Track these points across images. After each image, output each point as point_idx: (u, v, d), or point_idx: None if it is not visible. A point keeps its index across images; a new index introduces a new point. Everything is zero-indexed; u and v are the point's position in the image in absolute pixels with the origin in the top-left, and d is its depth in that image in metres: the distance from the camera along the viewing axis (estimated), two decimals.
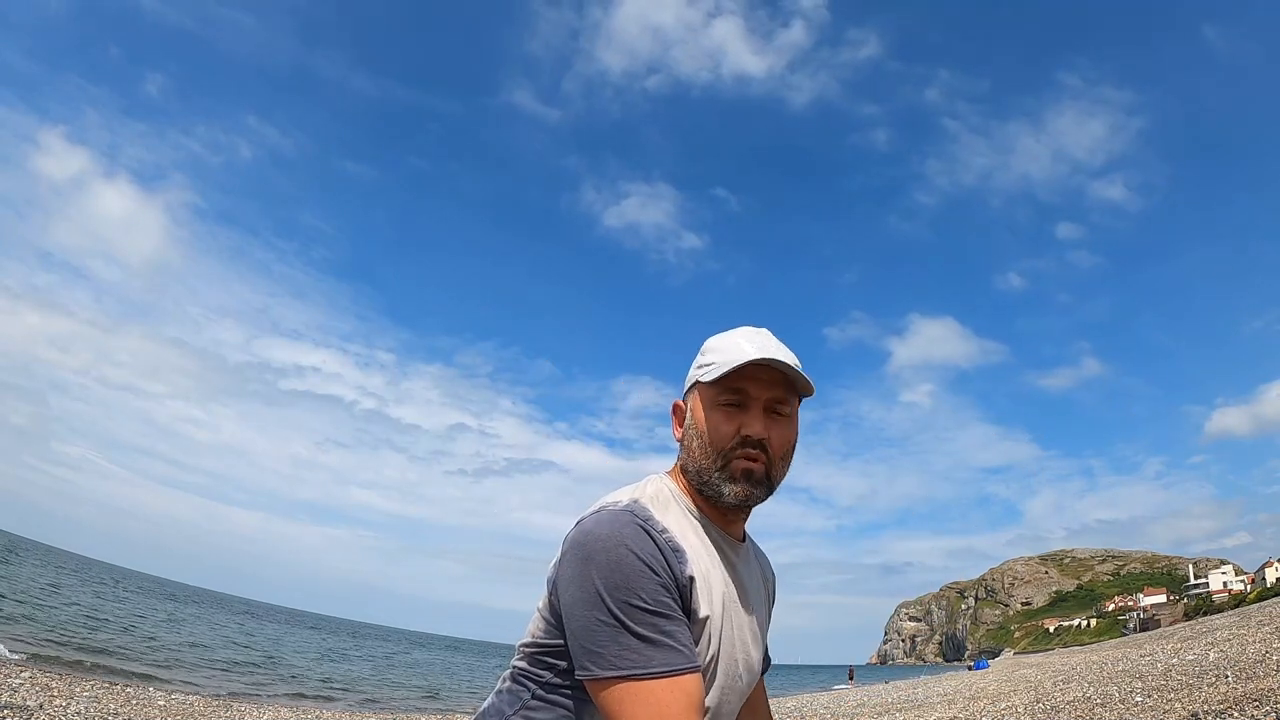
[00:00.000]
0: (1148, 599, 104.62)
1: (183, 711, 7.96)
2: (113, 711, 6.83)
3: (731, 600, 1.03)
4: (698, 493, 1.05)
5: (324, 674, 19.49)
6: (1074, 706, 6.77)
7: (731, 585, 1.04)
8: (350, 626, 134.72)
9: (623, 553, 0.89)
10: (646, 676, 0.85)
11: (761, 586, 1.18)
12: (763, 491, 1.03)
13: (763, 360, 1.00)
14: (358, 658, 32.18)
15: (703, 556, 0.99)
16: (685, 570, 0.93)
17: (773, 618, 1.29)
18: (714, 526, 1.06)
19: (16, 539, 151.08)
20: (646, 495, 1.02)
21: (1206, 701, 5.25)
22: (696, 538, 1.02)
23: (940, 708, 9.83)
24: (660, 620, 0.88)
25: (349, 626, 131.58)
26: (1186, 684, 6.60)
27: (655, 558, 0.90)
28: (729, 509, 1.04)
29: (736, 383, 1.01)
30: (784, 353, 1.04)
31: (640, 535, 0.91)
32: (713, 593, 0.98)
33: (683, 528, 1.00)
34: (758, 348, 1.02)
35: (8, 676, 7.79)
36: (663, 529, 0.95)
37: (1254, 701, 4.83)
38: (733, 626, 1.02)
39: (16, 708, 5.98)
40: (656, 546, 0.91)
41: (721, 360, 1.03)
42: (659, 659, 0.86)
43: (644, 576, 0.88)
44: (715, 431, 1.02)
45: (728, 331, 1.10)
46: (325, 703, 13.03)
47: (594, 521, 0.95)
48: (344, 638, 57.18)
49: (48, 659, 10.83)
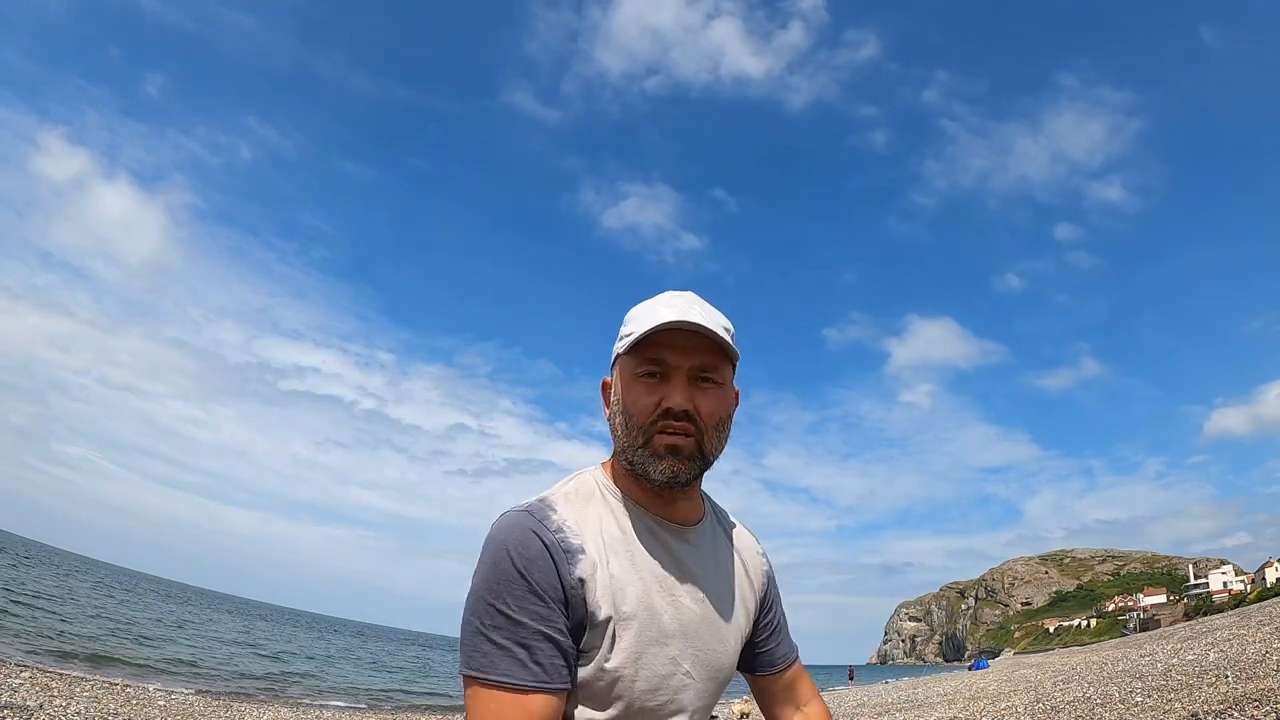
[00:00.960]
0: (1148, 599, 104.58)
1: (183, 711, 7.96)
2: (113, 711, 6.83)
3: (660, 592, 0.95)
4: (630, 475, 0.97)
5: (324, 674, 19.49)
6: (1074, 706, 6.77)
7: (665, 576, 0.96)
8: (351, 626, 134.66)
9: (500, 556, 0.87)
10: (489, 683, 0.84)
11: (734, 571, 1.08)
12: (694, 466, 0.94)
13: (678, 324, 0.91)
14: (358, 657, 32.17)
15: (616, 550, 0.93)
16: (574, 572, 0.88)
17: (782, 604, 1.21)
18: (648, 514, 0.98)
19: (17, 539, 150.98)
20: (563, 490, 0.98)
21: (1206, 701, 5.25)
22: (616, 528, 0.95)
23: (940, 708, 9.83)
24: (520, 630, 0.85)
25: (349, 626, 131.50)
26: (1186, 684, 6.59)
27: (535, 563, 0.87)
28: (660, 488, 0.95)
29: (655, 352, 0.93)
30: (707, 315, 0.94)
31: (525, 538, 0.88)
32: (616, 589, 0.91)
33: (600, 521, 0.95)
34: (676, 311, 0.93)
35: (8, 676, 7.79)
36: (558, 528, 0.90)
37: (1254, 701, 4.83)
38: (660, 621, 0.94)
39: (16, 708, 5.98)
40: (544, 548, 0.88)
41: (639, 328, 0.94)
42: (502, 669, 0.84)
43: (513, 583, 0.86)
44: (636, 405, 0.93)
45: (650, 299, 1.01)
46: (325, 703, 13.02)
47: (496, 522, 0.92)
48: (344, 637, 57.16)
49: (48, 659, 10.83)
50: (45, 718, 5.88)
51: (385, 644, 60.80)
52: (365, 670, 24.73)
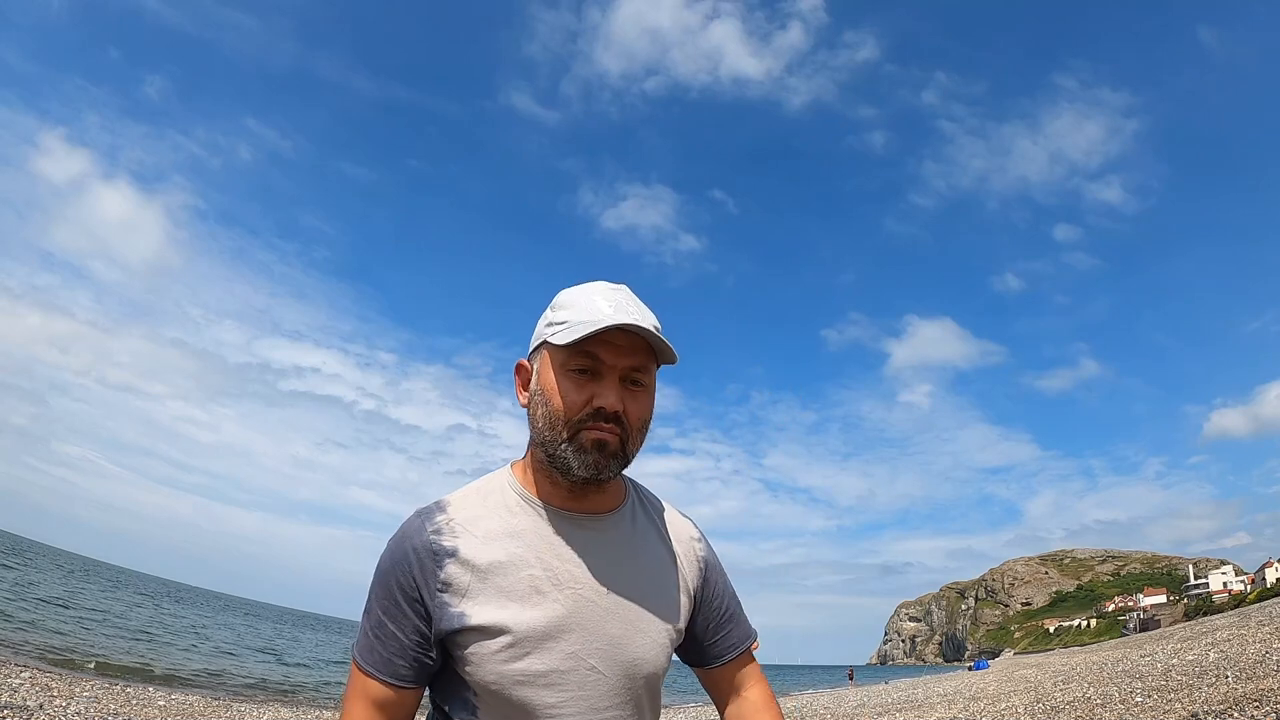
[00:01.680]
0: (1148, 599, 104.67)
1: (183, 711, 7.96)
2: (113, 711, 6.83)
3: (564, 585, 0.93)
4: (545, 468, 0.96)
5: (324, 674, 19.49)
6: (1074, 707, 6.77)
7: (571, 569, 0.94)
8: (350, 626, 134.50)
9: (384, 556, 0.96)
10: (354, 659, 0.96)
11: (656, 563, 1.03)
12: (617, 464, 0.93)
13: (628, 328, 0.89)
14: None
15: (509, 545, 0.93)
16: (440, 574, 0.91)
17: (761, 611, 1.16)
18: (554, 505, 0.97)
19: (17, 539, 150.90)
20: (465, 490, 1.01)
21: (1207, 702, 5.25)
22: (509, 523, 0.95)
23: (940, 708, 9.83)
24: (374, 621, 0.95)
25: (349, 626, 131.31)
26: (1186, 684, 6.59)
27: (399, 565, 0.93)
28: (581, 484, 0.93)
29: (590, 347, 0.90)
30: (645, 316, 0.93)
31: (399, 540, 0.95)
32: (510, 587, 0.91)
33: (489, 518, 0.95)
34: (615, 308, 0.91)
35: (8, 677, 7.79)
36: (436, 530, 0.94)
37: (1254, 702, 4.83)
38: (559, 615, 0.92)
39: (16, 708, 5.98)
40: (409, 551, 0.93)
41: (575, 320, 0.91)
42: (361, 649, 0.96)
43: (381, 580, 0.95)
44: (564, 400, 0.91)
45: (581, 286, 0.98)
46: (325, 703, 13.02)
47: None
48: (344, 637, 57.13)
49: (49, 659, 10.83)
50: (45, 718, 5.88)
51: None
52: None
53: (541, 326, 0.98)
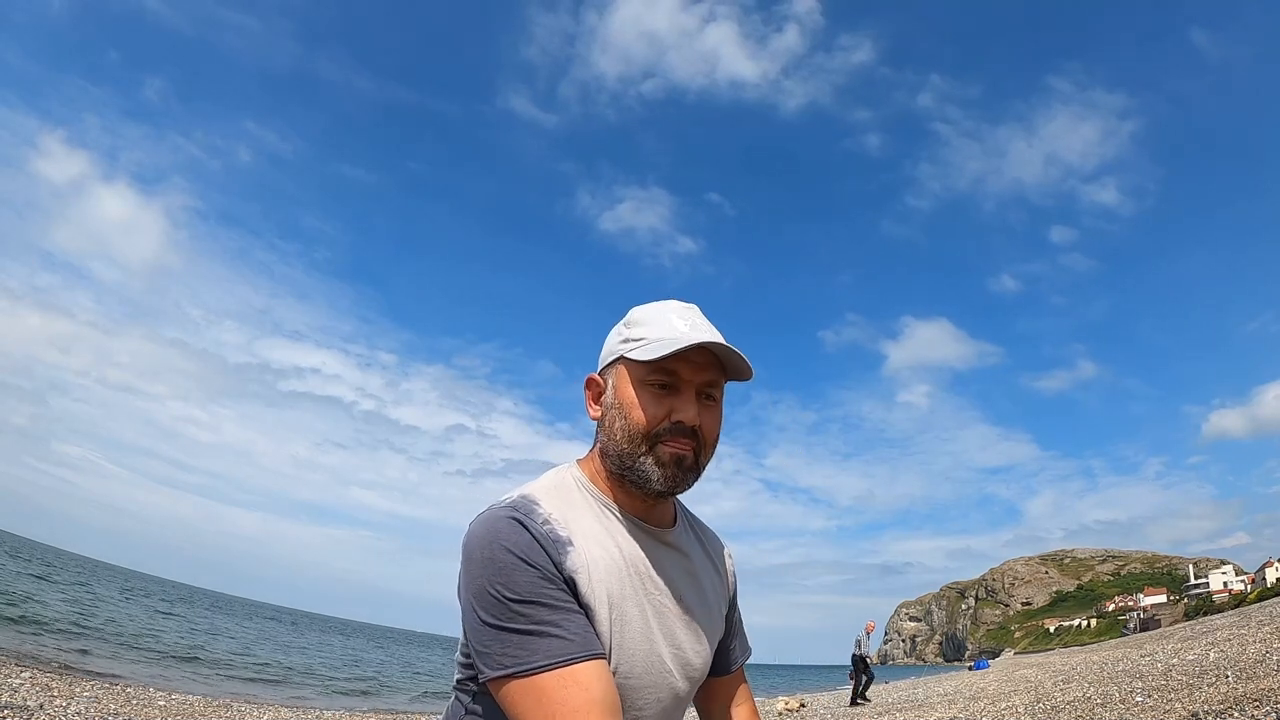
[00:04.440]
0: (1148, 599, 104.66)
1: (183, 711, 7.96)
2: (113, 711, 6.82)
3: (645, 591, 0.95)
4: (617, 477, 0.97)
5: (324, 674, 19.48)
6: (1074, 706, 6.76)
7: (649, 574, 0.96)
8: (350, 626, 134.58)
9: (496, 549, 0.85)
10: (530, 672, 0.81)
11: (708, 575, 1.08)
12: (692, 478, 0.96)
13: (710, 345, 0.92)
14: (358, 657, 32.15)
15: (604, 544, 0.93)
16: (565, 564, 0.87)
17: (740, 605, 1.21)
18: (628, 513, 0.98)
19: (18, 540, 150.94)
20: (541, 486, 0.96)
21: (1207, 701, 5.24)
22: (599, 525, 0.95)
23: (940, 708, 9.82)
24: (540, 610, 0.83)
25: (349, 626, 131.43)
26: (1187, 684, 6.59)
27: (532, 548, 0.86)
28: (654, 495, 0.95)
29: (669, 363, 0.93)
30: (718, 335, 0.97)
31: (515, 529, 0.87)
32: (608, 583, 0.91)
33: (581, 515, 0.94)
34: (691, 326, 0.95)
35: (8, 677, 7.78)
36: (544, 521, 0.89)
37: (1254, 701, 4.83)
38: (648, 619, 0.94)
39: (16, 708, 5.97)
40: (534, 538, 0.87)
41: (654, 336, 0.94)
42: (541, 651, 0.82)
43: (517, 570, 0.84)
44: (644, 413, 0.93)
45: (654, 304, 1.01)
46: (325, 702, 13.02)
47: (477, 522, 0.91)
48: (344, 637, 57.14)
49: (48, 660, 10.83)
50: (45, 718, 5.87)
51: (385, 643, 60.75)
52: (366, 670, 24.71)
53: (616, 342, 1.00)
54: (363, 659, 31.79)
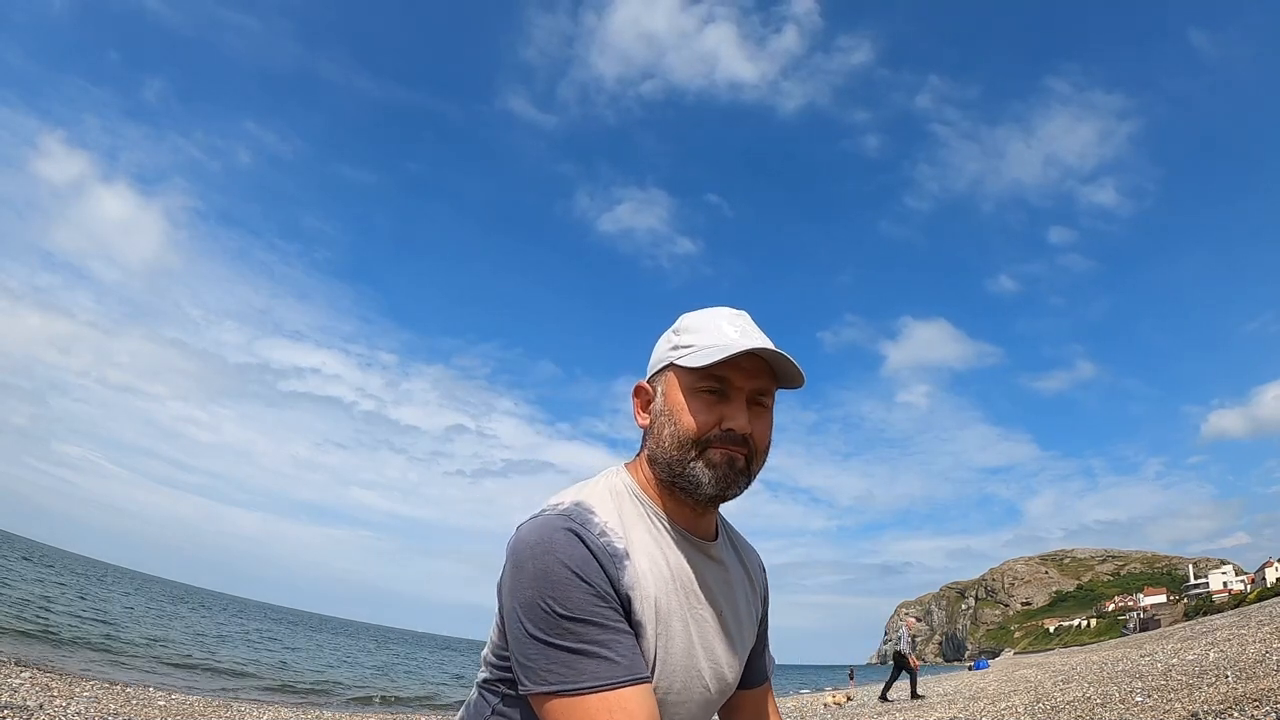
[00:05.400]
0: (1148, 599, 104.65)
1: (183, 711, 7.95)
2: (113, 711, 6.82)
3: (689, 604, 0.94)
4: (667, 485, 0.95)
5: (324, 674, 19.48)
6: (1074, 706, 6.76)
7: (693, 587, 0.95)
8: (350, 626, 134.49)
9: (551, 561, 0.83)
10: (575, 692, 0.80)
11: (743, 588, 1.07)
12: (743, 482, 0.95)
13: (762, 352, 0.91)
14: (358, 658, 32.14)
15: (654, 556, 0.91)
16: (622, 577, 0.86)
17: (769, 617, 1.21)
18: (676, 524, 0.96)
19: (18, 539, 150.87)
20: (596, 492, 0.94)
21: (1207, 701, 5.24)
22: (650, 536, 0.93)
23: (940, 708, 9.82)
24: (591, 630, 0.81)
25: (349, 626, 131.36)
26: (1186, 684, 6.58)
27: (588, 563, 0.83)
28: (705, 500, 0.94)
29: (720, 370, 0.92)
30: (769, 341, 0.95)
31: (572, 542, 0.84)
32: (656, 598, 0.89)
33: (634, 525, 0.92)
34: (742, 333, 0.94)
35: (8, 677, 7.78)
36: (601, 531, 0.87)
37: (1254, 701, 4.82)
38: (690, 632, 0.93)
39: (16, 708, 5.97)
40: (590, 553, 0.84)
41: (703, 344, 0.93)
42: (589, 672, 0.80)
43: (572, 586, 0.82)
44: (695, 419, 0.92)
45: (704, 310, 1.01)
46: (325, 702, 13.02)
47: (529, 528, 0.88)
48: (345, 637, 57.10)
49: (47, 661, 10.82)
50: (45, 718, 5.87)
51: (385, 644, 60.72)
52: (366, 670, 24.70)
53: (665, 350, 0.99)
54: (363, 661, 31.77)
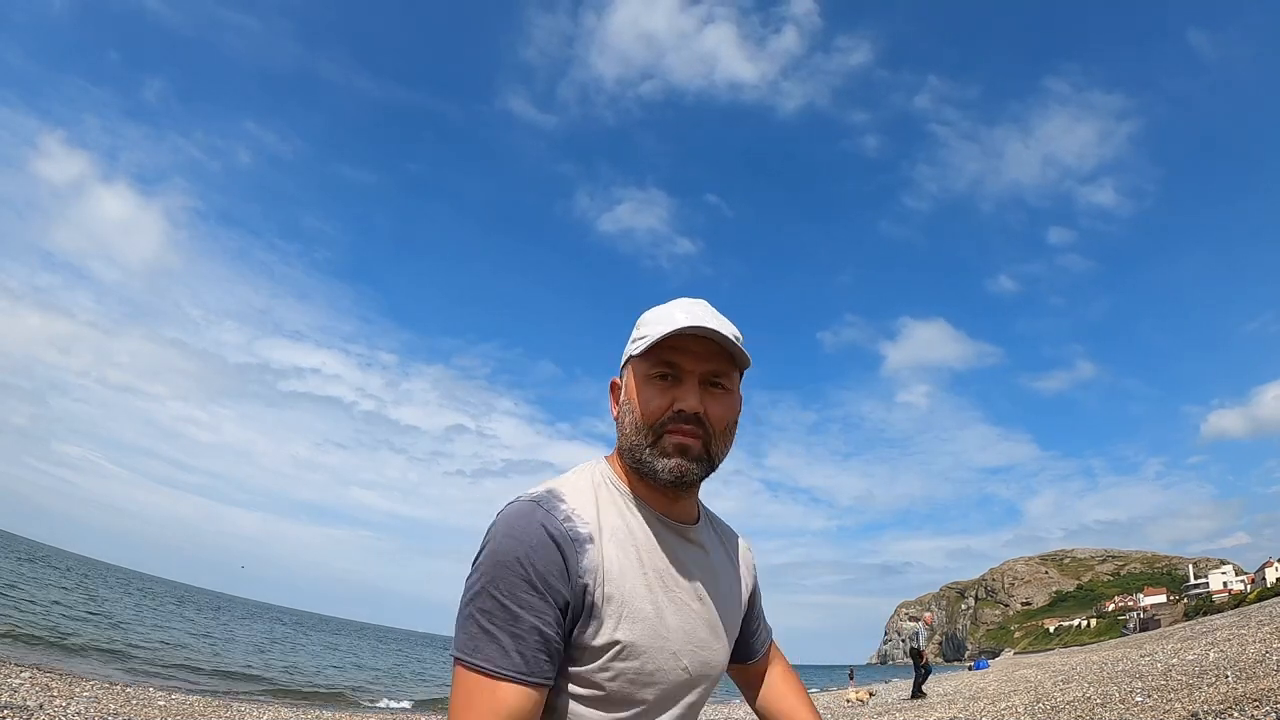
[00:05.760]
0: (1148, 599, 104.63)
1: (183, 711, 7.95)
2: (113, 711, 6.82)
3: (663, 586, 0.95)
4: (634, 473, 0.98)
5: (325, 674, 19.49)
6: (1074, 706, 6.76)
7: (668, 570, 0.97)
8: (350, 626, 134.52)
9: (507, 544, 0.87)
10: (470, 666, 0.85)
11: (726, 570, 1.09)
12: (701, 467, 0.96)
13: (694, 329, 0.92)
14: (356, 657, 32.15)
15: (624, 541, 0.94)
16: (581, 561, 0.88)
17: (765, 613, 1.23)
18: (651, 509, 0.99)
19: (18, 540, 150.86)
20: (571, 481, 0.98)
21: (1207, 701, 5.24)
22: (622, 520, 0.96)
23: (940, 708, 9.82)
24: (507, 616, 0.85)
25: (349, 626, 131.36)
26: (1186, 684, 6.58)
27: (540, 549, 0.86)
28: (666, 487, 0.96)
29: (669, 355, 0.95)
30: (721, 323, 0.96)
31: (531, 527, 0.87)
32: (622, 580, 0.91)
33: (607, 511, 0.95)
34: (690, 317, 0.95)
35: (8, 677, 7.78)
36: (566, 517, 0.90)
37: (1254, 701, 4.83)
38: (660, 614, 0.94)
39: (16, 708, 5.97)
40: (550, 538, 0.87)
41: (653, 333, 0.96)
42: (484, 654, 0.84)
43: (512, 570, 0.85)
44: (647, 406, 0.95)
45: (663, 304, 1.03)
46: (325, 703, 13.02)
47: (501, 513, 0.92)
48: (344, 637, 57.10)
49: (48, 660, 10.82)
50: (45, 718, 5.87)
51: (386, 644, 60.71)
52: (362, 670, 24.72)
53: (628, 345, 1.03)
54: (365, 663, 31.78)
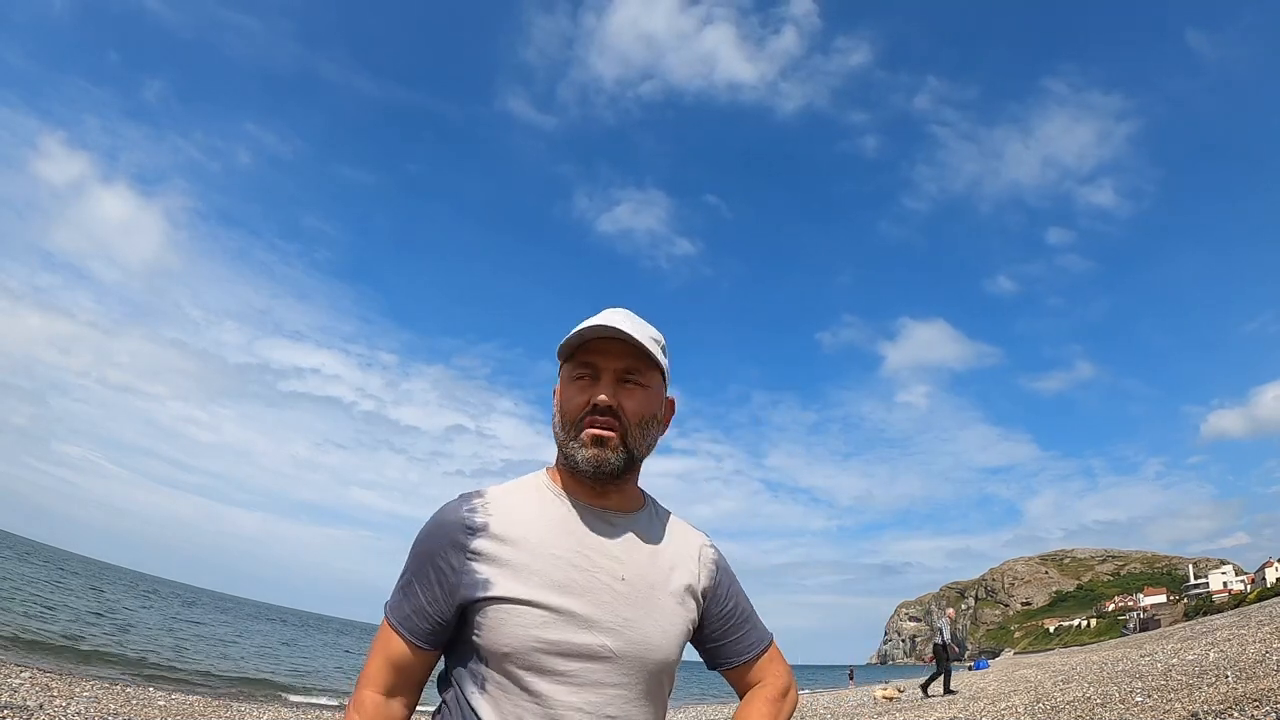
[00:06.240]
0: (1148, 599, 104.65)
1: (183, 711, 7.96)
2: (113, 711, 6.82)
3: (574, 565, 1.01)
4: (566, 470, 1.08)
5: (325, 674, 19.50)
6: (1074, 706, 6.76)
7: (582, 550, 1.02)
8: (350, 626, 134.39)
9: (428, 525, 1.05)
10: (386, 609, 1.06)
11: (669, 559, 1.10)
12: (619, 456, 1.03)
13: (604, 330, 1.02)
14: (359, 658, 32.16)
15: (532, 524, 1.03)
16: (471, 543, 1.00)
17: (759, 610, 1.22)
18: (580, 501, 1.07)
19: (18, 540, 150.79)
20: (505, 483, 1.11)
21: (1206, 701, 5.25)
22: (538, 509, 1.05)
23: (940, 708, 9.83)
24: (409, 578, 1.04)
25: (349, 626, 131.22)
26: (1186, 684, 6.59)
27: (433, 536, 1.03)
28: (588, 477, 1.04)
29: (587, 357, 1.05)
30: (634, 325, 1.05)
31: (437, 516, 1.04)
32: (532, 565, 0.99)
33: (524, 504, 1.06)
34: (605, 320, 1.04)
35: (8, 677, 7.79)
36: (471, 508, 1.03)
37: (1254, 701, 4.83)
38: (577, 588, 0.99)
39: (16, 708, 5.98)
40: (444, 524, 1.03)
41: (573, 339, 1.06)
42: (392, 603, 1.05)
43: (417, 546, 1.04)
44: (569, 404, 1.06)
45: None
46: (325, 702, 13.02)
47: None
48: (344, 637, 57.07)
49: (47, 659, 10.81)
50: (45, 718, 5.88)
51: None
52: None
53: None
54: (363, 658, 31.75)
